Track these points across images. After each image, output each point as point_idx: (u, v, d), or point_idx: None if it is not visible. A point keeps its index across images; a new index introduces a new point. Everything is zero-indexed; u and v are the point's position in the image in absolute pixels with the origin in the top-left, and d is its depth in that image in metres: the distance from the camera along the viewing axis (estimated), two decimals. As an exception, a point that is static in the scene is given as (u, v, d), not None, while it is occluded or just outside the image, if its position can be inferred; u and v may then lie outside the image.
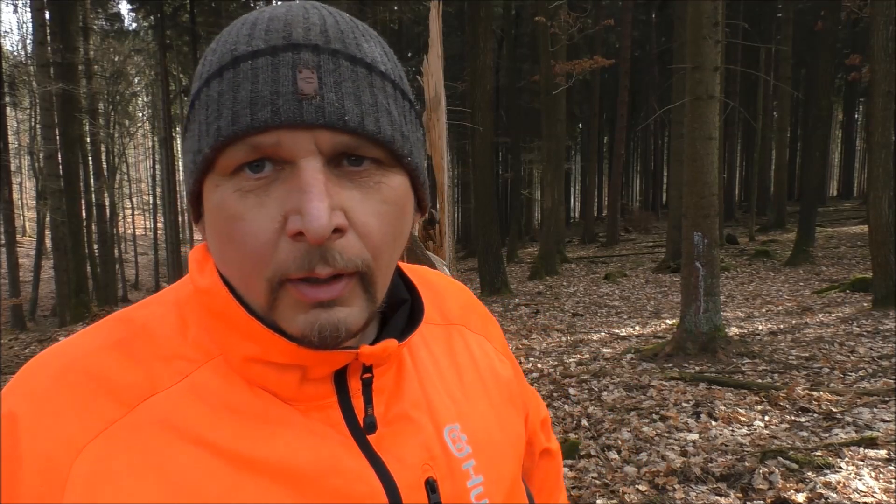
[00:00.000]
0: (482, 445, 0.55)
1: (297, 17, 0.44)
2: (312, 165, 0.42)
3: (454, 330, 0.63)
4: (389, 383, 0.52)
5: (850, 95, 29.77)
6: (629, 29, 19.61)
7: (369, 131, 0.42)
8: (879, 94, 7.31)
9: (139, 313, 0.50)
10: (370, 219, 0.44)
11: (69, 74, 12.31)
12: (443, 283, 0.67)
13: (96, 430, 0.43)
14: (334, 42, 0.43)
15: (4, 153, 12.76)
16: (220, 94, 0.43)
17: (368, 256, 0.44)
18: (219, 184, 0.44)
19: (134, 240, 33.22)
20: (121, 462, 0.42)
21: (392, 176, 0.45)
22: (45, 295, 21.75)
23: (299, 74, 0.41)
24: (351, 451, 0.48)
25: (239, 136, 0.41)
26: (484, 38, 11.92)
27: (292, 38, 0.42)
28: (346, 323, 0.44)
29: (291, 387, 0.47)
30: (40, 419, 0.43)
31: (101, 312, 11.51)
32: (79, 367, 0.45)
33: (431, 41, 3.14)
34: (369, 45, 0.46)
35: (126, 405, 0.44)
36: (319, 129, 0.41)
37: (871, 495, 3.00)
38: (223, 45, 0.45)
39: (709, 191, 6.01)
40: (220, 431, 0.45)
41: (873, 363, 5.36)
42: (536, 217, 28.86)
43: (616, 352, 6.64)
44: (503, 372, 0.64)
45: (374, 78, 0.44)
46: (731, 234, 16.97)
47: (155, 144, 33.21)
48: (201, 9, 20.23)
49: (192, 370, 0.47)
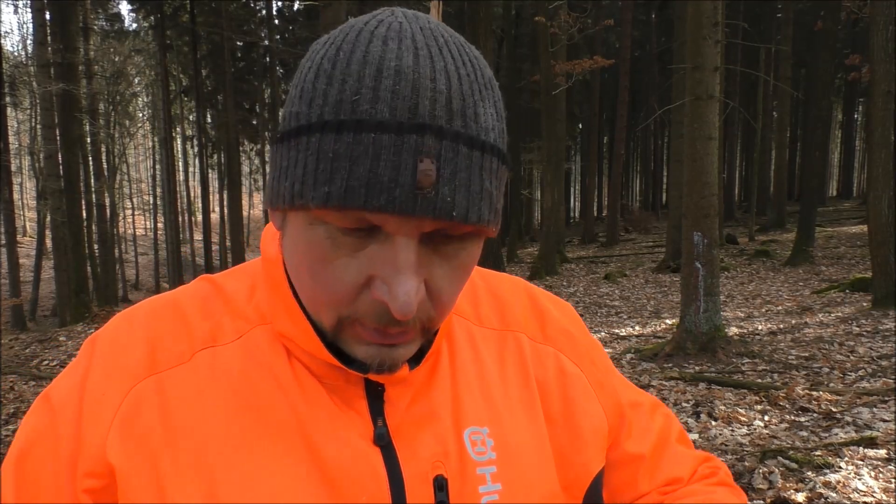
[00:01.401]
0: (510, 455, 0.54)
1: (424, 79, 0.42)
2: (409, 246, 0.43)
3: (511, 336, 0.62)
4: (420, 376, 0.54)
5: (850, 95, 29.77)
6: (629, 29, 19.61)
7: (470, 221, 0.43)
8: (879, 94, 7.31)
9: (223, 278, 0.58)
10: (443, 283, 0.46)
11: (69, 75, 12.31)
12: (513, 288, 0.66)
13: (167, 364, 0.51)
14: (456, 119, 0.42)
15: (5, 153, 12.76)
16: (336, 155, 0.41)
17: (434, 314, 0.47)
18: (312, 223, 0.44)
19: (134, 240, 33.21)
20: (174, 396, 0.49)
21: (472, 241, 0.46)
22: (45, 295, 21.75)
23: (420, 164, 0.40)
24: (365, 432, 0.50)
25: (352, 210, 0.41)
26: (484, 38, 11.92)
27: (418, 116, 0.41)
28: (403, 357, 0.48)
29: (320, 367, 0.52)
30: (122, 341, 0.52)
31: (101, 312, 11.52)
32: (168, 308, 0.54)
33: (431, 41, 3.14)
34: (486, 110, 0.44)
35: (192, 349, 0.52)
36: (426, 218, 0.42)
37: (870, 495, 3.00)
38: (341, 84, 0.42)
39: (709, 191, 6.01)
40: (257, 389, 0.50)
41: (873, 363, 5.37)
42: (536, 217, 28.87)
43: (616, 352, 6.64)
44: (568, 386, 0.61)
45: (485, 160, 0.43)
46: (731, 234, 16.97)
47: (155, 144, 33.21)
48: (201, 9, 20.23)
49: (247, 330, 0.53)
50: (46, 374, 6.84)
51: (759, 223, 19.06)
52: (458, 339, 0.58)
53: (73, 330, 9.93)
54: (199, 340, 0.52)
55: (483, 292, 0.64)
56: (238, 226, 18.43)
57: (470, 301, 0.62)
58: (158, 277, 28.18)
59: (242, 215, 20.35)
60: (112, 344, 0.52)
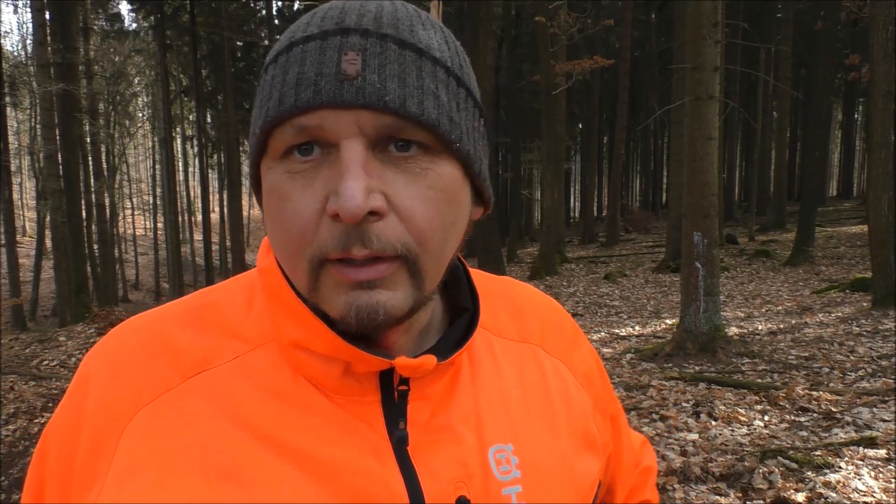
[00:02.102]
0: (535, 473, 0.51)
1: (354, 6, 0.45)
2: (353, 147, 0.42)
3: (528, 349, 0.59)
4: (440, 391, 0.51)
5: (850, 95, 29.77)
6: (629, 29, 19.61)
7: (411, 113, 0.42)
8: (879, 94, 7.31)
9: (217, 291, 0.54)
10: (414, 203, 0.43)
11: (69, 75, 12.30)
12: (528, 298, 0.64)
13: (155, 392, 0.47)
14: (386, 27, 0.43)
15: (4, 153, 12.76)
16: (273, 77, 0.44)
17: (411, 241, 0.43)
18: (271, 166, 0.45)
19: (134, 240, 33.22)
20: (169, 426, 0.46)
21: (441, 163, 0.45)
22: (45, 295, 21.75)
23: (344, 56, 0.42)
24: (381, 453, 0.47)
25: (284, 116, 0.42)
26: (484, 38, 11.93)
27: (343, 24, 0.43)
28: (385, 306, 0.43)
29: (333, 378, 0.48)
30: (108, 377, 0.49)
31: (101, 312, 11.51)
32: (152, 333, 0.50)
33: (431, 41, 3.14)
34: (427, 32, 0.46)
35: (183, 374, 0.48)
36: (361, 110, 0.41)
37: (870, 495, 3.00)
38: (286, 34, 0.46)
39: (709, 191, 6.01)
40: (258, 412, 0.47)
41: (873, 363, 5.37)
42: (536, 217, 28.87)
43: (616, 352, 6.65)
44: (579, 403, 0.59)
45: (423, 62, 0.44)
46: (731, 234, 16.97)
47: (155, 144, 33.20)
48: (201, 9, 20.23)
49: (244, 351, 0.49)
50: (46, 374, 6.85)
51: (759, 223, 19.06)
52: (478, 351, 0.56)
53: (73, 330, 9.93)
54: (190, 365, 0.48)
55: (500, 300, 0.62)
56: (238, 226, 18.43)
57: (488, 309, 0.59)
58: (158, 277, 28.17)
59: (242, 215, 20.34)
60: (99, 381, 0.49)
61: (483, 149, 0.50)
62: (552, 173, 14.03)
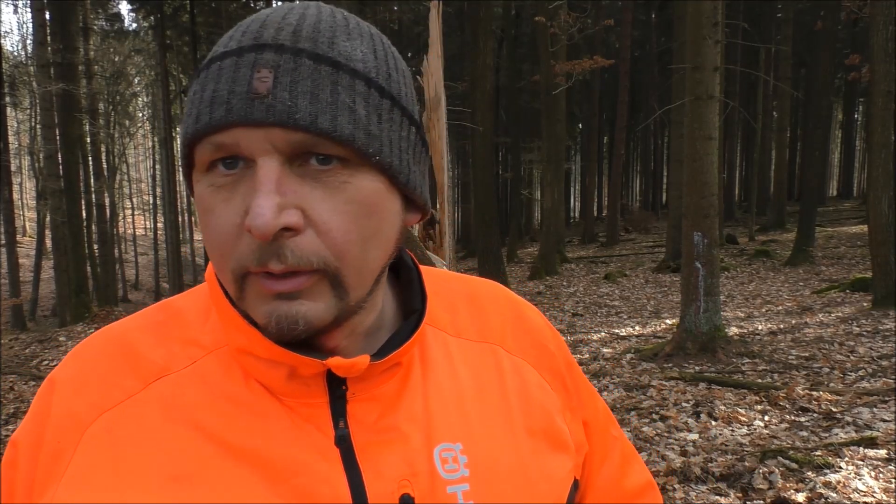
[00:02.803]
0: (485, 472, 0.52)
1: (276, 18, 0.45)
2: (268, 164, 0.42)
3: (487, 348, 0.59)
4: (389, 392, 0.52)
5: (850, 95, 29.75)
6: (629, 29, 19.60)
7: (323, 129, 0.42)
8: (879, 94, 7.31)
9: (181, 300, 0.56)
10: (331, 217, 0.44)
11: (69, 74, 12.30)
12: (491, 298, 0.64)
13: (117, 399, 0.49)
14: (303, 42, 0.43)
15: (4, 153, 12.76)
16: (194, 93, 0.45)
17: (328, 254, 0.44)
18: (199, 179, 0.46)
19: (134, 240, 33.22)
20: (127, 432, 0.48)
21: (361, 176, 0.45)
22: (45, 295, 21.75)
23: (256, 74, 0.42)
24: (327, 454, 0.48)
25: (200, 134, 0.43)
26: (484, 38, 11.93)
27: (261, 39, 0.43)
28: (306, 316, 0.44)
29: (280, 381, 0.49)
30: (74, 383, 0.50)
31: (101, 312, 11.51)
32: (117, 343, 0.53)
33: (431, 41, 3.14)
34: (350, 43, 0.45)
35: (143, 381, 0.50)
36: (272, 127, 0.42)
37: (870, 495, 3.00)
38: (216, 46, 0.47)
39: (709, 191, 6.01)
40: (211, 416, 0.48)
41: (873, 363, 5.37)
42: (536, 217, 28.87)
43: (616, 352, 6.65)
44: (542, 402, 0.58)
45: (340, 76, 0.44)
46: (731, 234, 16.97)
47: (155, 144, 33.21)
48: (201, 9, 20.23)
49: (200, 356, 0.51)
50: (46, 374, 6.84)
51: (759, 223, 19.06)
52: (432, 352, 0.56)
53: (73, 330, 9.93)
54: (151, 371, 0.50)
55: (462, 300, 0.62)
56: (238, 226, 18.38)
57: (447, 310, 0.60)
58: (158, 277, 28.17)
59: (242, 215, 20.26)
60: (65, 387, 0.51)
61: (414, 157, 0.49)
62: (552, 173, 14.03)
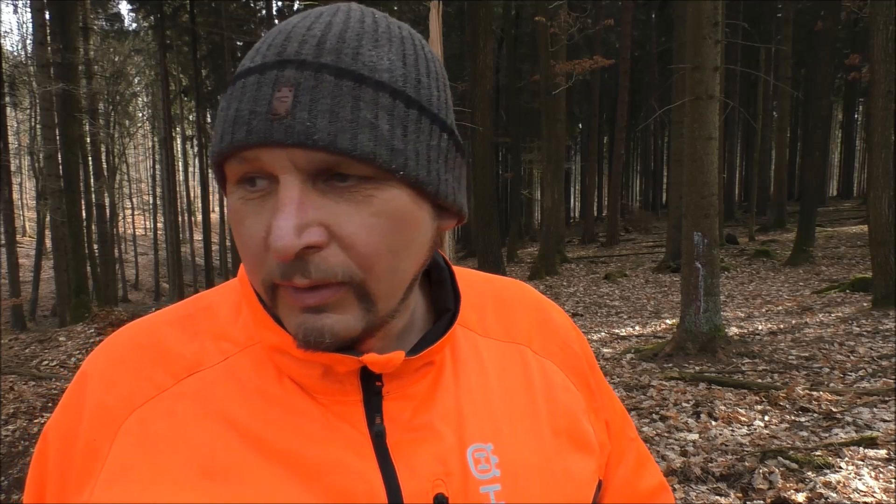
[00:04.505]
0: (514, 472, 0.52)
1: (301, 28, 0.44)
2: (289, 183, 0.42)
3: (515, 348, 0.60)
4: (422, 390, 0.52)
5: (850, 95, 29.76)
6: (629, 29, 19.61)
7: (342, 149, 0.41)
8: (879, 94, 7.31)
9: (211, 296, 0.57)
10: (358, 231, 0.43)
11: (69, 74, 12.30)
12: (518, 298, 0.64)
13: (149, 395, 0.49)
14: (326, 55, 0.43)
15: (4, 153, 12.75)
16: (221, 111, 0.45)
17: (354, 268, 0.44)
18: (232, 191, 0.47)
19: (134, 240, 33.23)
20: (160, 428, 0.48)
21: (386, 188, 0.44)
22: (45, 295, 21.76)
23: (277, 93, 0.42)
24: (362, 451, 0.48)
25: (225, 153, 0.44)
26: (484, 38, 11.93)
27: (284, 55, 0.43)
28: (333, 329, 0.45)
29: (314, 379, 0.49)
30: (105, 377, 0.51)
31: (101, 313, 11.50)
32: (148, 337, 0.53)
33: (431, 41, 3.14)
34: (377, 51, 0.44)
35: (175, 376, 0.50)
36: (292, 147, 0.42)
37: (871, 495, 3.00)
38: (248, 55, 0.47)
39: (709, 191, 6.01)
40: (244, 412, 0.49)
41: (873, 363, 5.37)
42: (536, 217, 28.87)
43: (616, 352, 6.65)
44: (567, 403, 0.59)
45: (362, 91, 0.43)
46: (731, 234, 16.97)
47: (155, 144, 33.22)
48: (201, 9, 20.24)
49: (233, 352, 0.51)
50: (46, 375, 6.85)
51: (759, 223, 19.06)
52: (462, 351, 0.56)
53: (73, 330, 9.93)
54: (182, 367, 0.50)
55: (490, 300, 0.62)
56: (238, 226, 18.39)
57: (475, 310, 0.60)
58: (158, 277, 28.18)
59: (242, 215, 20.27)
60: (97, 381, 0.51)
61: (446, 165, 0.49)
62: (552, 173, 14.03)
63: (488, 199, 11.99)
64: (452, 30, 20.74)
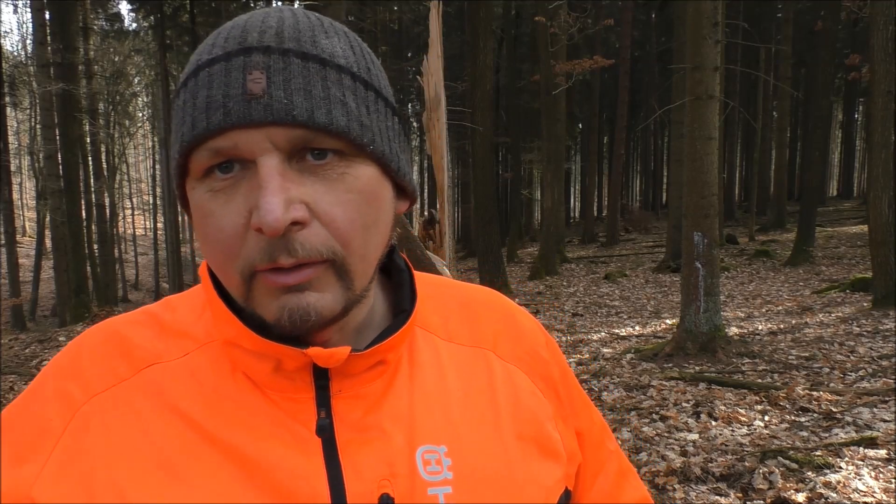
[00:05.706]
0: (470, 475, 0.51)
1: (255, 23, 0.46)
2: (269, 163, 0.43)
3: (479, 353, 0.59)
4: (375, 391, 0.52)
5: (850, 95, 29.76)
6: (629, 29, 19.61)
7: (320, 123, 0.43)
8: (879, 93, 7.31)
9: (178, 297, 0.58)
10: (334, 208, 0.45)
11: (69, 74, 12.30)
12: (485, 304, 0.64)
13: (108, 383, 0.51)
14: (287, 42, 0.45)
15: (4, 153, 12.76)
16: (184, 102, 0.45)
17: (336, 244, 0.45)
18: (194, 186, 0.47)
19: (134, 240, 33.22)
20: (115, 416, 0.49)
21: (357, 166, 0.46)
22: (45, 295, 21.75)
23: (249, 76, 0.43)
24: (308, 450, 0.48)
25: (198, 140, 0.44)
26: (484, 38, 11.92)
27: (246, 43, 0.44)
28: (316, 307, 0.45)
29: (265, 374, 0.50)
30: (69, 368, 0.52)
31: (101, 312, 11.51)
32: (114, 334, 0.54)
33: (431, 41, 3.14)
34: (330, 41, 0.47)
35: (134, 368, 0.51)
36: (271, 126, 0.43)
37: (871, 495, 3.00)
38: (193, 57, 0.48)
39: (709, 191, 6.01)
40: (197, 407, 0.49)
41: (873, 363, 5.37)
42: (536, 217, 28.86)
43: (616, 352, 6.64)
44: (532, 409, 0.58)
45: (328, 72, 0.45)
46: (731, 234, 16.98)
47: (155, 144, 33.21)
48: (201, 9, 20.24)
49: (192, 349, 0.52)
50: (46, 374, 6.84)
51: (759, 223, 19.06)
52: (420, 354, 0.56)
53: (73, 330, 9.93)
54: (142, 359, 0.52)
55: (455, 305, 0.62)
56: (238, 226, 18.38)
57: (439, 314, 0.60)
58: (158, 277, 28.16)
59: (242, 215, 20.26)
60: (60, 371, 0.52)
61: (400, 146, 0.51)
62: (552, 173, 14.03)
63: (488, 199, 11.99)
64: (452, 30, 20.73)
